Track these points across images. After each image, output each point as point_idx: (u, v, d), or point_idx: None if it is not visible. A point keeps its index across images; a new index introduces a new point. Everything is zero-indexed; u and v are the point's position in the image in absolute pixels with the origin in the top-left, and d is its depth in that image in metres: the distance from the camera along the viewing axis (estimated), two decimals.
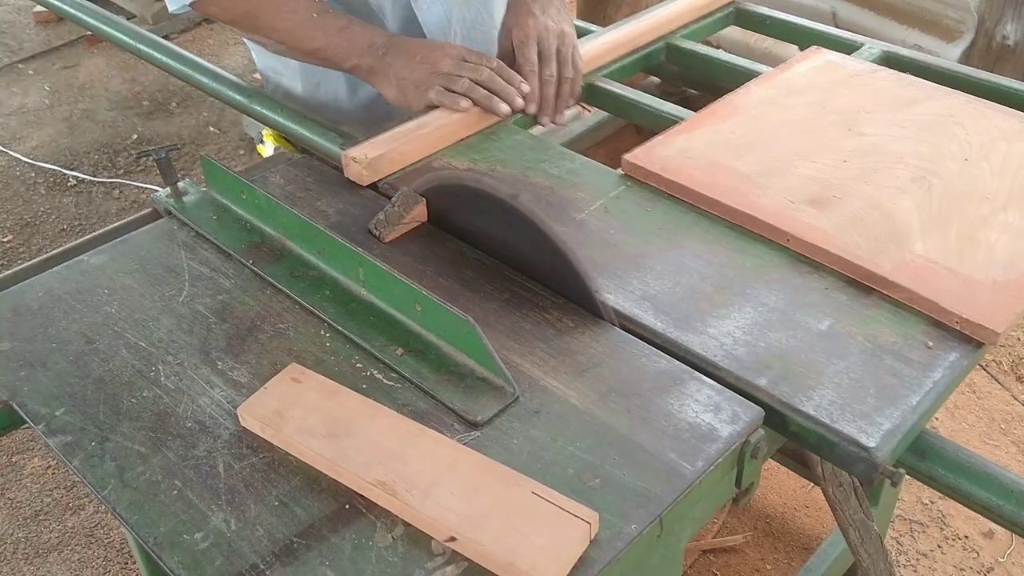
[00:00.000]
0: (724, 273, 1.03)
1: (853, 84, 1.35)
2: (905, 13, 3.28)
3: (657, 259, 1.05)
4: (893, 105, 1.30)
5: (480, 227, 1.06)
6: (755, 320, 0.96)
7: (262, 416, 0.84)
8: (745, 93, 1.34)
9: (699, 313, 0.97)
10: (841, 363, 0.91)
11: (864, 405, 0.86)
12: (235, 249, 1.06)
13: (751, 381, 0.89)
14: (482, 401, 0.86)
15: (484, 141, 1.26)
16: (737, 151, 1.20)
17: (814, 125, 1.26)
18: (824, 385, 0.88)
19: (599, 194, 1.16)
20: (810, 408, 0.86)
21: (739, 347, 0.93)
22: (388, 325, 0.95)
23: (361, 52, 1.26)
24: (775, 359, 0.91)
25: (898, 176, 1.15)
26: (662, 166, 1.17)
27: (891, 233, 1.06)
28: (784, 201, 1.11)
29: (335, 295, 0.99)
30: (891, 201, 1.11)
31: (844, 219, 1.08)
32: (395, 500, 0.76)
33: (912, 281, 0.98)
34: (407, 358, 0.91)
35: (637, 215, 1.12)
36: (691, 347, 0.92)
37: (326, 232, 0.99)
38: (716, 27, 1.66)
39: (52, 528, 2.10)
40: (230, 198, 1.13)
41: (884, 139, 1.22)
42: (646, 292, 1.00)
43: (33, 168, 3.47)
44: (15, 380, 0.91)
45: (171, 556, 0.74)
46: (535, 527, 0.73)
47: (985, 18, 2.94)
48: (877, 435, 0.83)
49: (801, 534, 1.97)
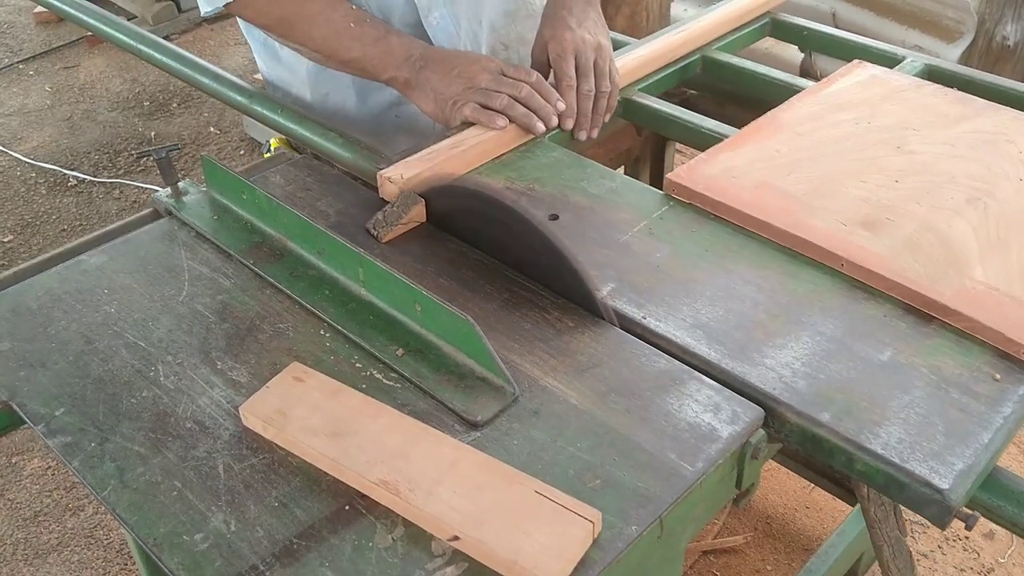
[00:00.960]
0: (777, 299, 0.99)
1: (899, 100, 1.31)
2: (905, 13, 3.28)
3: (707, 284, 1.01)
4: (941, 122, 1.26)
5: (479, 227, 1.05)
6: (813, 350, 0.92)
7: (264, 415, 0.84)
8: (789, 109, 1.30)
9: (754, 342, 0.93)
10: (906, 397, 0.87)
11: (934, 443, 0.82)
12: (235, 249, 1.06)
13: (814, 416, 0.85)
14: (482, 401, 0.86)
15: (520, 159, 1.23)
16: (784, 170, 1.16)
17: (861, 143, 1.22)
18: (890, 421, 0.84)
19: (642, 215, 1.12)
20: (878, 446, 0.82)
21: (799, 379, 0.88)
22: (388, 325, 0.95)
23: (398, 64, 1.24)
24: (837, 392, 0.87)
25: (952, 197, 1.11)
26: (707, 186, 1.13)
27: (949, 257, 1.01)
28: (836, 223, 1.07)
29: (335, 295, 0.99)
30: (946, 223, 1.06)
31: (898, 242, 1.04)
32: (398, 499, 0.76)
33: (975, 309, 0.94)
34: (407, 358, 0.91)
35: (683, 237, 1.08)
36: (749, 379, 0.88)
37: (326, 232, 0.99)
38: (752, 39, 1.62)
39: (52, 529, 2.09)
40: (230, 198, 1.13)
41: (934, 158, 1.18)
42: (698, 320, 0.96)
43: (33, 168, 3.47)
44: (15, 380, 0.91)
45: (171, 557, 0.74)
46: (538, 526, 0.73)
47: (985, 18, 2.94)
48: (950, 476, 0.79)
49: (801, 535, 1.97)
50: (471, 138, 1.21)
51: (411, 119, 1.42)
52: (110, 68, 4.14)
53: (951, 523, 0.79)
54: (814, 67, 2.94)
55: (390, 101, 1.40)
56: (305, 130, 1.32)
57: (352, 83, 1.39)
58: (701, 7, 4.05)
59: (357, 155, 1.24)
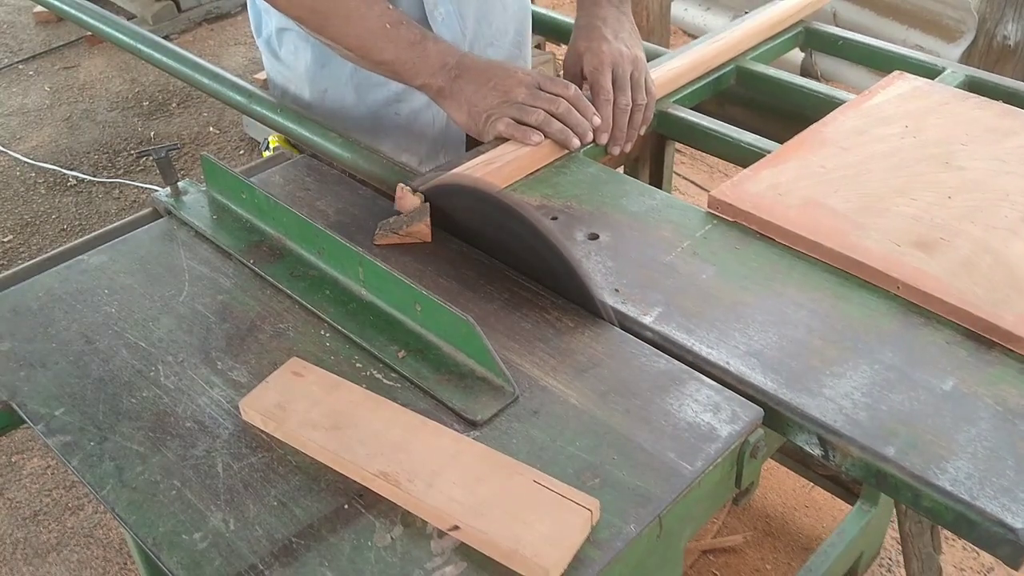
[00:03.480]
0: (831, 324, 0.95)
1: (944, 113, 1.27)
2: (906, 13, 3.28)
3: (757, 308, 0.97)
4: (990, 136, 1.22)
5: (480, 227, 1.05)
6: (873, 379, 0.88)
7: (264, 410, 0.84)
8: (832, 123, 1.26)
9: (811, 371, 0.89)
10: (972, 429, 0.83)
11: (1004, 479, 0.78)
12: (235, 249, 1.06)
13: (878, 451, 0.81)
14: (482, 401, 0.86)
15: (555, 175, 1.19)
16: (830, 186, 1.12)
17: (908, 158, 1.18)
18: (957, 455, 0.80)
19: (685, 234, 1.08)
20: (946, 483, 0.78)
21: (860, 411, 0.85)
22: (388, 325, 0.95)
23: (433, 71, 1.21)
24: (900, 424, 0.83)
25: (1007, 216, 1.07)
26: (753, 204, 1.09)
27: (1008, 280, 0.97)
28: (889, 243, 1.03)
29: (335, 295, 0.99)
30: (1004, 244, 1.03)
31: (955, 264, 1.00)
32: (398, 491, 0.76)
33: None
34: (408, 359, 0.91)
35: (728, 257, 1.04)
36: (808, 411, 0.85)
37: (326, 232, 0.99)
38: (785, 48, 1.59)
39: (51, 528, 2.10)
40: (230, 198, 1.13)
41: (985, 174, 1.14)
42: (751, 347, 0.92)
43: (33, 168, 3.47)
44: (15, 380, 0.91)
45: (170, 556, 0.74)
46: (537, 515, 0.73)
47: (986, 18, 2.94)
48: (1023, 514, 0.76)
49: (801, 534, 1.97)
50: (507, 154, 1.17)
51: (410, 116, 1.41)
52: (110, 68, 4.14)
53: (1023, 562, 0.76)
54: (814, 67, 2.94)
55: (388, 98, 1.40)
56: (304, 129, 1.32)
57: (350, 80, 1.39)
58: (702, 7, 4.06)
59: (356, 155, 1.24)
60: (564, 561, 0.71)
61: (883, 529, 1.85)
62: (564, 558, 0.71)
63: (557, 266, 0.97)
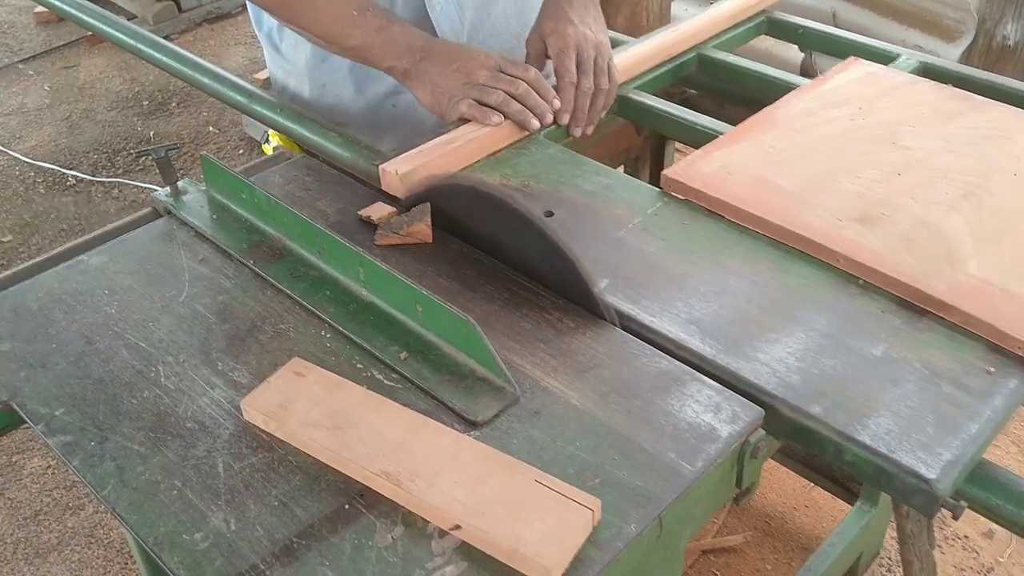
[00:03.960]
0: (770, 294, 0.99)
1: (894, 96, 1.32)
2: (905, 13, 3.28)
3: (701, 280, 1.01)
4: (936, 118, 1.26)
5: (480, 227, 1.06)
6: (807, 345, 0.92)
7: (265, 409, 0.84)
8: (784, 106, 1.30)
9: (748, 338, 0.93)
10: (897, 390, 0.88)
11: (923, 435, 0.83)
12: (235, 249, 1.06)
13: (805, 410, 0.85)
14: (483, 401, 0.86)
15: (515, 156, 1.22)
16: (779, 166, 1.17)
17: (856, 139, 1.22)
18: (880, 413, 0.85)
19: (636, 211, 1.12)
20: (867, 437, 0.83)
21: (792, 374, 0.89)
22: (389, 325, 0.95)
23: (399, 54, 1.24)
24: (829, 386, 0.88)
25: (946, 192, 1.11)
26: (704, 183, 1.13)
27: (943, 252, 1.02)
28: (831, 219, 1.07)
29: (335, 295, 0.99)
30: (941, 218, 1.07)
31: (894, 238, 1.04)
32: (400, 490, 0.76)
33: (969, 303, 0.94)
34: (409, 360, 0.91)
35: (677, 233, 1.09)
36: (742, 374, 0.89)
37: (326, 232, 0.99)
38: (747, 37, 1.62)
39: (52, 528, 2.10)
40: (230, 198, 1.13)
41: (929, 153, 1.18)
42: (692, 315, 0.96)
43: (32, 168, 3.47)
44: (15, 380, 0.91)
45: (171, 556, 0.74)
46: (538, 514, 0.73)
47: (985, 18, 2.94)
48: (937, 466, 0.80)
49: (801, 534, 1.97)
50: (467, 134, 1.21)
51: (408, 109, 1.42)
52: (110, 68, 4.14)
53: (937, 512, 0.81)
54: (814, 67, 2.94)
55: (387, 91, 1.41)
56: (304, 129, 1.32)
57: (349, 74, 1.39)
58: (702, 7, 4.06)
59: (356, 154, 1.24)
60: (565, 560, 0.71)
61: (883, 529, 1.85)
62: (566, 557, 0.71)
63: (558, 266, 0.97)
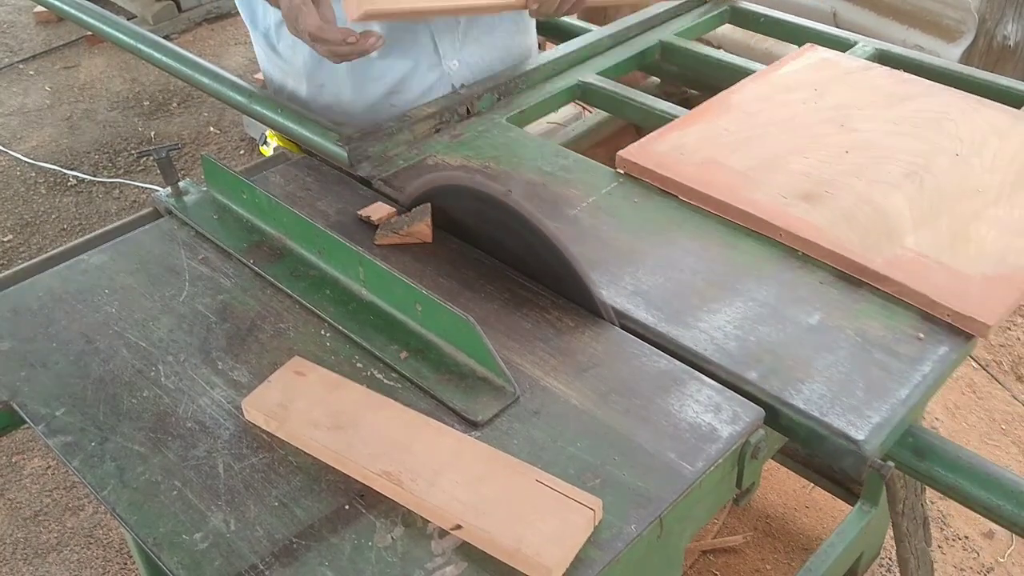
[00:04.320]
0: (715, 268, 1.04)
1: (847, 81, 1.36)
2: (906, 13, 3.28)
3: (649, 255, 1.06)
4: (887, 102, 1.31)
5: (480, 227, 1.05)
6: (745, 314, 0.97)
7: (266, 409, 0.84)
8: (740, 90, 1.35)
9: (690, 308, 0.98)
10: (830, 357, 0.92)
11: (853, 399, 0.87)
12: (236, 248, 1.06)
13: (741, 375, 0.89)
14: (483, 401, 0.86)
15: (478, 138, 1.27)
16: (731, 147, 1.21)
17: (807, 122, 1.26)
18: (814, 379, 0.89)
19: (591, 191, 1.17)
20: (800, 402, 0.86)
21: (730, 341, 0.93)
22: (388, 325, 0.95)
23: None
24: (765, 353, 0.92)
25: (890, 172, 1.16)
26: (657, 162, 1.18)
27: (883, 228, 1.06)
28: (777, 196, 1.12)
29: (336, 295, 0.99)
30: (883, 196, 1.12)
31: (836, 214, 1.08)
32: (401, 490, 0.76)
33: (903, 275, 0.99)
34: (409, 360, 0.91)
35: (629, 211, 1.13)
36: (682, 341, 0.93)
37: (326, 232, 0.99)
38: (711, 25, 1.67)
39: (51, 528, 2.09)
40: (231, 198, 1.13)
41: (877, 135, 1.23)
42: (638, 288, 1.01)
43: (33, 168, 3.47)
44: (15, 380, 0.91)
45: (170, 556, 0.74)
46: (539, 514, 0.73)
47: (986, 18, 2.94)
48: (866, 428, 0.84)
49: (801, 534, 1.97)
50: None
51: (407, 107, 1.42)
52: (110, 68, 4.14)
53: (867, 473, 0.84)
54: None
55: (386, 91, 1.41)
56: (305, 130, 1.32)
57: (348, 75, 1.39)
58: None
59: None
60: (567, 560, 0.71)
61: (883, 529, 1.85)
62: (567, 557, 0.71)
63: (557, 266, 0.97)
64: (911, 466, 0.92)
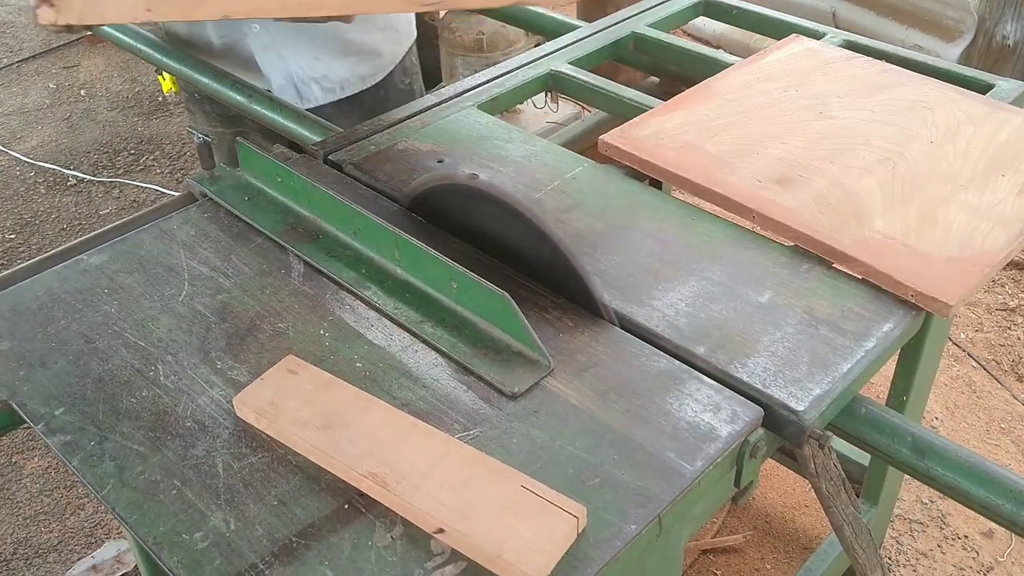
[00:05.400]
0: (672, 249, 1.06)
1: (829, 71, 1.39)
2: (905, 13, 3.28)
3: (609, 236, 1.08)
4: (866, 90, 1.33)
5: (480, 226, 1.05)
6: (698, 293, 1.00)
7: (257, 407, 0.84)
8: (723, 78, 1.37)
9: (645, 287, 1.01)
10: (778, 333, 0.95)
11: (796, 372, 0.90)
12: (272, 231, 1.08)
13: (689, 349, 0.92)
14: (518, 374, 0.88)
15: (450, 124, 1.30)
16: (710, 133, 1.23)
17: (787, 109, 1.29)
18: (759, 353, 0.92)
19: (557, 175, 1.19)
20: (744, 375, 0.89)
21: (680, 318, 0.96)
22: (424, 302, 0.97)
23: None
24: (714, 329, 0.95)
25: (864, 157, 1.18)
26: (636, 147, 1.20)
27: (853, 210, 1.09)
28: (751, 180, 1.14)
29: (371, 274, 1.01)
30: (855, 180, 1.14)
31: (808, 197, 1.11)
32: (386, 492, 0.76)
33: (869, 256, 1.01)
34: (445, 334, 0.93)
35: (591, 195, 1.16)
36: (634, 318, 0.96)
37: (362, 212, 1.01)
38: (685, 18, 1.69)
39: (52, 528, 2.09)
40: (265, 181, 1.14)
41: (854, 122, 1.25)
42: (596, 268, 1.03)
43: (33, 167, 3.47)
44: (15, 380, 0.91)
45: (170, 556, 0.74)
46: (523, 520, 0.73)
47: (985, 18, 2.94)
48: (806, 400, 0.87)
49: (801, 534, 1.97)
50: None
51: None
52: (110, 68, 4.14)
53: (807, 443, 0.88)
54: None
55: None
56: (304, 130, 1.33)
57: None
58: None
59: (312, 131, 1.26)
60: (548, 567, 0.71)
61: (883, 529, 1.85)
62: (548, 564, 0.71)
63: (558, 265, 0.97)
64: (910, 465, 0.92)
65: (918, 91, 1.32)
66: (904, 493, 2.02)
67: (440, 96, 1.38)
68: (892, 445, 0.93)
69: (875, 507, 1.71)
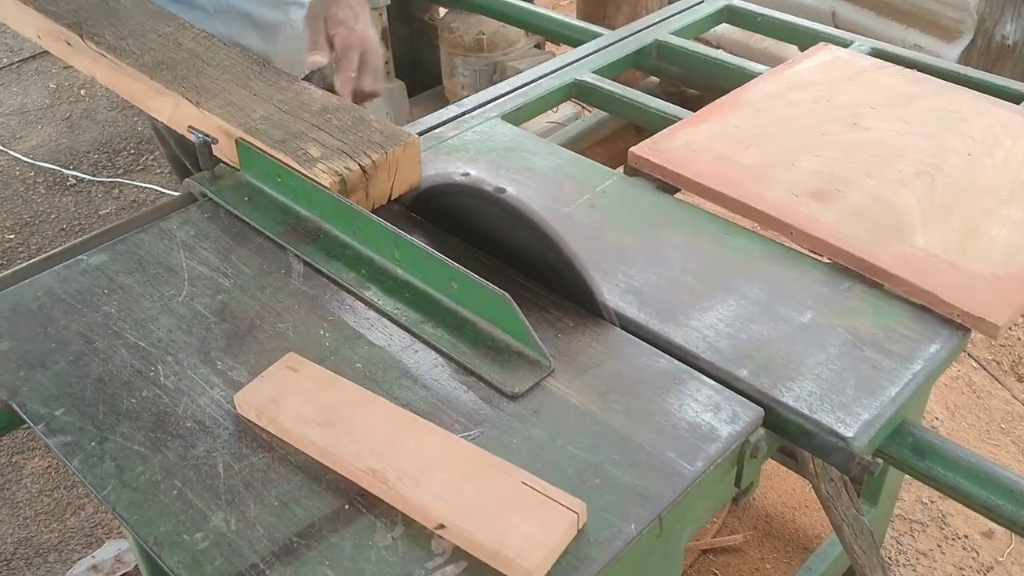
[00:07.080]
0: (706, 265, 1.04)
1: (859, 80, 1.36)
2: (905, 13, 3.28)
3: (642, 252, 1.06)
4: (898, 101, 1.31)
5: (481, 226, 1.05)
6: (737, 312, 0.97)
7: (258, 404, 0.84)
8: (752, 88, 1.35)
9: (682, 305, 0.98)
10: (822, 355, 0.92)
11: (843, 396, 0.88)
12: (272, 231, 1.07)
13: (732, 372, 0.90)
14: (519, 374, 0.88)
15: (476, 136, 1.27)
16: (742, 145, 1.21)
17: (819, 120, 1.26)
18: (804, 376, 0.90)
19: (586, 188, 1.18)
20: (790, 399, 0.87)
21: (721, 339, 0.94)
22: (425, 302, 0.97)
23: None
24: (756, 350, 0.92)
25: (901, 170, 1.16)
26: (667, 159, 1.18)
27: (893, 226, 1.06)
28: (787, 194, 1.11)
29: (371, 274, 1.01)
30: (893, 194, 1.11)
31: (846, 212, 1.08)
32: (386, 488, 0.76)
33: (913, 273, 0.99)
34: (444, 333, 0.93)
35: (622, 209, 1.14)
36: (673, 339, 0.94)
37: (361, 213, 1.01)
38: (708, 25, 1.67)
39: (52, 528, 2.09)
40: (265, 181, 1.14)
41: (888, 134, 1.23)
42: (631, 285, 1.01)
43: (33, 167, 3.47)
44: (15, 380, 0.91)
45: (171, 556, 0.74)
46: (523, 516, 0.73)
47: (985, 18, 2.94)
48: (855, 425, 0.85)
49: (801, 534, 1.97)
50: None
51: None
52: None
53: (856, 470, 0.85)
54: None
55: None
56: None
57: None
58: None
59: None
60: (548, 563, 0.71)
61: (883, 529, 1.85)
62: (548, 560, 0.71)
63: (559, 265, 0.97)
64: (911, 465, 0.92)
65: (951, 101, 1.30)
66: (904, 493, 2.02)
67: (463, 107, 1.36)
68: (892, 445, 0.93)
69: (875, 507, 1.72)
